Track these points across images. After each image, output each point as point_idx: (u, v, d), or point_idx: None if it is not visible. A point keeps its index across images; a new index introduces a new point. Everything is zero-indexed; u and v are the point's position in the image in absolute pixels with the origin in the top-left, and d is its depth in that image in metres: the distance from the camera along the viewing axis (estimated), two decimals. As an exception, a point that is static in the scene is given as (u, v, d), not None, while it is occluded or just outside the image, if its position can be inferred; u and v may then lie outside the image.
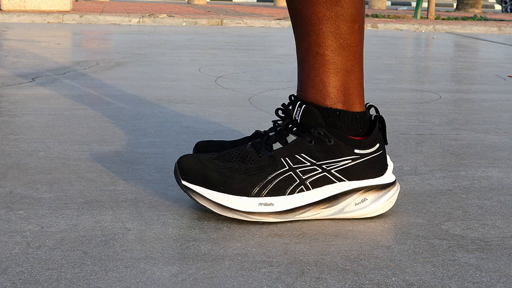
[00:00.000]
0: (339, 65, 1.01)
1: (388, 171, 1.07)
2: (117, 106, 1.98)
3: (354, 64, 1.02)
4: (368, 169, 1.04)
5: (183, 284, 0.80)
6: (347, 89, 1.02)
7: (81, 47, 4.03)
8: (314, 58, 1.02)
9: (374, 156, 1.04)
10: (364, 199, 1.04)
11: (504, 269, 0.87)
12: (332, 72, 1.02)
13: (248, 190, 1.01)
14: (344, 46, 1.01)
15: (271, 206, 1.01)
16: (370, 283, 0.82)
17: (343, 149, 1.02)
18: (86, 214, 1.04)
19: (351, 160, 1.02)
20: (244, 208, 1.00)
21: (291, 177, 1.01)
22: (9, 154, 1.38)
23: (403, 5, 16.96)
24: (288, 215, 1.01)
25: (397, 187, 1.07)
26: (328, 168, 1.02)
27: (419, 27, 7.05)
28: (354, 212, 1.03)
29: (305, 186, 1.02)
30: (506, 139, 1.67)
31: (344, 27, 0.99)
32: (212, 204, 1.01)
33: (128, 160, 1.36)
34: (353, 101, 1.03)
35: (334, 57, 1.01)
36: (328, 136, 1.01)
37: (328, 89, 1.02)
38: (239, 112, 1.95)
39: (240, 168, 1.02)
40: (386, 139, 1.07)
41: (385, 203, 1.05)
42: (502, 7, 15.20)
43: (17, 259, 0.86)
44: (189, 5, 12.34)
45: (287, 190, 1.01)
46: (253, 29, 6.39)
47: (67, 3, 7.39)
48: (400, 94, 2.41)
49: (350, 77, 1.02)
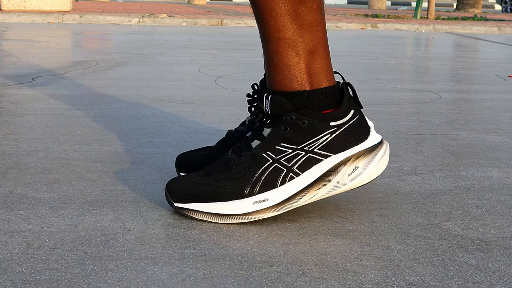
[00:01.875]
0: (301, 46, 1.00)
1: (372, 132, 1.06)
2: (117, 106, 1.98)
3: (316, 44, 1.01)
4: (350, 137, 1.03)
5: (183, 284, 0.80)
6: (312, 69, 1.01)
7: (81, 47, 4.03)
8: (275, 43, 1.01)
9: (352, 123, 1.03)
10: (356, 167, 1.03)
11: (504, 269, 0.87)
12: (294, 54, 1.01)
13: (239, 192, 1.01)
14: (304, 27, 0.99)
15: (266, 202, 1.00)
16: (370, 283, 0.82)
17: (319, 126, 1.01)
18: (86, 214, 1.04)
19: (329, 134, 1.02)
20: (240, 211, 1.00)
21: (277, 169, 1.01)
22: (9, 154, 1.38)
23: (403, 5, 16.96)
24: (285, 206, 1.01)
25: (386, 145, 1.07)
26: (310, 148, 1.01)
27: (419, 27, 7.05)
28: (350, 183, 1.03)
29: (294, 173, 1.01)
30: (506, 139, 1.67)
31: (301, 8, 0.98)
32: (209, 216, 1.01)
33: (128, 160, 1.36)
34: (320, 80, 1.02)
35: (295, 40, 1.00)
36: (301, 118, 1.00)
37: (293, 72, 1.01)
38: (239, 112, 1.95)
39: (226, 176, 1.02)
40: (359, 103, 1.06)
41: (377, 165, 1.04)
42: (502, 7, 15.20)
43: (17, 259, 0.86)
44: (189, 5, 12.34)
45: (277, 182, 1.01)
46: (253, 29, 6.39)
47: (67, 3, 7.39)
48: (400, 94, 2.41)
49: (314, 57, 1.01)
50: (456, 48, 4.98)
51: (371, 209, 1.09)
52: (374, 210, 1.09)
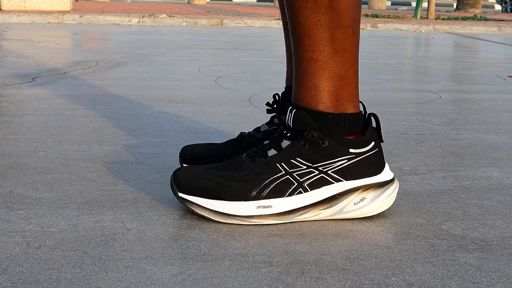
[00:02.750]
0: (332, 70, 1.01)
1: (386, 168, 1.07)
2: (117, 106, 1.98)
3: (348, 69, 1.02)
4: (365, 167, 1.03)
5: (183, 284, 0.80)
6: (340, 94, 1.02)
7: (81, 47, 4.03)
8: (308, 63, 1.01)
9: (370, 154, 1.04)
10: (363, 198, 1.03)
11: (504, 269, 0.87)
12: (325, 77, 1.01)
13: (245, 194, 1.01)
14: (338, 51, 1.00)
15: (269, 208, 1.01)
16: (370, 283, 0.82)
17: (338, 149, 1.02)
18: (86, 214, 1.04)
19: (346, 160, 1.02)
20: (242, 212, 1.00)
21: (288, 181, 1.01)
22: (9, 154, 1.38)
23: (403, 5, 16.96)
24: (287, 217, 1.01)
25: (396, 184, 1.07)
26: (325, 169, 1.02)
27: (419, 27, 7.05)
28: (354, 211, 1.03)
29: (303, 188, 1.02)
30: (506, 139, 1.67)
31: (338, 32, 0.99)
32: (210, 212, 1.01)
33: (128, 160, 1.36)
34: (346, 105, 1.03)
35: (327, 62, 1.00)
36: (322, 138, 1.01)
37: (321, 93, 1.01)
38: (239, 112, 1.95)
39: (236, 176, 1.02)
40: (381, 137, 1.07)
41: (384, 201, 1.05)
42: (502, 7, 15.20)
43: (17, 259, 0.86)
44: (189, 5, 12.34)
45: (285, 193, 1.01)
46: (253, 29, 6.39)
47: (67, 3, 7.39)
48: (400, 94, 2.41)
49: (344, 82, 1.02)
50: (456, 48, 4.98)
51: (371, 209, 1.09)
52: (374, 210, 1.09)
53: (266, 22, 7.08)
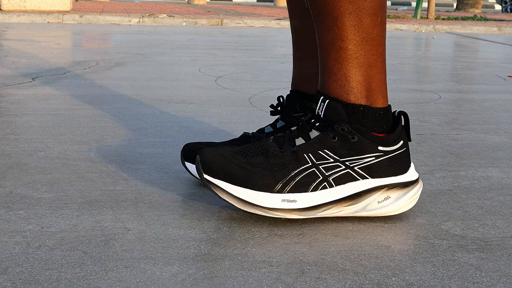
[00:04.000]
0: (362, 59, 1.00)
1: (411, 168, 1.07)
2: (117, 106, 1.98)
3: (377, 58, 1.01)
4: (392, 166, 1.03)
5: (183, 284, 0.80)
6: (370, 83, 1.01)
7: (81, 47, 4.03)
8: (337, 52, 1.01)
9: (398, 154, 1.03)
10: (387, 197, 1.03)
11: (504, 269, 0.87)
12: (355, 66, 1.00)
13: (271, 186, 1.00)
14: (367, 39, 1.00)
15: (294, 203, 1.00)
16: (370, 283, 0.82)
17: (367, 146, 1.01)
18: (86, 214, 1.04)
19: (374, 157, 1.02)
20: (267, 204, 0.99)
21: (314, 174, 1.01)
22: (9, 154, 1.38)
23: (403, 5, 16.96)
24: (311, 212, 1.01)
25: (420, 185, 1.07)
26: (352, 165, 1.01)
27: (419, 27, 7.05)
28: (377, 210, 1.03)
29: (328, 183, 1.01)
30: (506, 139, 1.67)
31: (366, 20, 0.99)
32: (234, 199, 1.00)
33: (128, 160, 1.36)
34: (376, 96, 1.02)
35: (357, 51, 1.00)
36: (352, 133, 1.00)
37: (352, 83, 1.01)
38: (239, 112, 1.95)
39: (263, 164, 1.01)
40: (409, 136, 1.06)
41: (407, 201, 1.04)
42: (502, 7, 15.20)
43: (17, 259, 0.86)
44: (189, 5, 12.34)
45: (310, 187, 1.01)
46: (253, 29, 6.39)
47: (67, 3, 7.39)
48: (400, 94, 2.41)
49: (373, 71, 1.01)
50: (456, 48, 4.98)
51: (371, 209, 1.09)
52: (374, 210, 1.09)
53: (266, 22, 7.08)
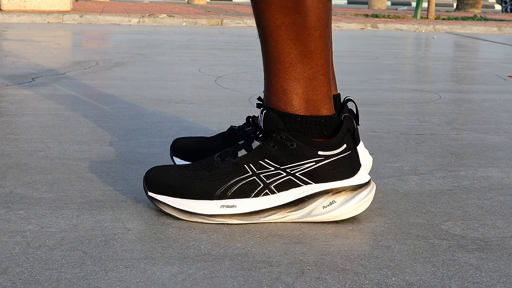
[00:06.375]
0: (299, 72, 0.99)
1: (361, 171, 1.04)
2: (117, 106, 1.98)
3: (316, 71, 0.99)
4: (335, 170, 1.01)
5: (183, 284, 0.80)
6: (310, 96, 1.00)
7: (81, 47, 4.03)
8: (274, 65, 1.00)
9: (342, 157, 1.01)
10: (333, 202, 1.01)
11: (504, 269, 0.87)
12: (292, 79, 0.99)
13: (209, 193, 1.01)
14: (305, 53, 0.98)
15: (233, 208, 1.00)
16: (370, 283, 0.82)
17: (306, 151, 1.00)
18: (86, 214, 1.04)
19: (314, 162, 1.00)
20: (206, 211, 1.00)
21: (254, 182, 1.01)
22: (9, 154, 1.38)
23: (403, 5, 16.96)
24: (252, 217, 1.01)
25: (371, 188, 1.04)
26: (293, 171, 1.01)
27: (419, 27, 7.05)
28: (323, 215, 1.01)
29: (269, 190, 1.01)
30: (506, 139, 1.67)
31: (304, 34, 0.97)
32: (176, 211, 1.02)
33: (128, 160, 1.36)
34: (318, 107, 1.01)
35: (294, 65, 0.99)
36: (291, 140, 0.99)
37: (289, 95, 1.00)
38: (239, 112, 1.95)
39: (203, 175, 1.02)
40: (355, 139, 1.04)
41: (356, 205, 1.02)
42: (502, 7, 15.20)
43: (17, 259, 0.86)
44: (189, 5, 12.34)
45: (251, 194, 1.01)
46: (253, 29, 6.38)
47: (67, 3, 7.39)
48: (400, 94, 2.41)
49: (313, 84, 1.00)
50: (456, 48, 4.98)
51: (371, 209, 1.09)
52: (374, 210, 1.09)
53: (266, 22, 7.06)
